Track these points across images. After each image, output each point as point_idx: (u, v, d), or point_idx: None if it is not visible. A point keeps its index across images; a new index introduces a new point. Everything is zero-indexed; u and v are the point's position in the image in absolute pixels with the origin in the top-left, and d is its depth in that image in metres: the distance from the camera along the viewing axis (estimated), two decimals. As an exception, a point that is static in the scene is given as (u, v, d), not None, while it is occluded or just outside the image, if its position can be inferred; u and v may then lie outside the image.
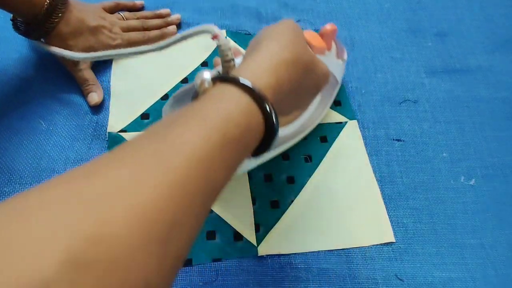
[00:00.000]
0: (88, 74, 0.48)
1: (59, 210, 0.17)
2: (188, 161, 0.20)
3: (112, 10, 0.53)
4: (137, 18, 0.53)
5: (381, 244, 0.41)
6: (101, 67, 0.50)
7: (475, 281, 0.39)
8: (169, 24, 0.54)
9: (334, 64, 0.46)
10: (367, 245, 0.40)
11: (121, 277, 0.17)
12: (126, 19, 0.52)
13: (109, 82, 0.49)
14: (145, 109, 0.47)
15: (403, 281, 0.39)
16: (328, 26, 0.42)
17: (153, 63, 0.51)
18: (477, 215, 0.43)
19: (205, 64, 0.52)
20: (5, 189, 0.41)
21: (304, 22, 0.56)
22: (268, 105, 0.26)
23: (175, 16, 0.55)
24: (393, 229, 0.41)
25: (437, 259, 0.40)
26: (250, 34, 0.54)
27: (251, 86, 0.25)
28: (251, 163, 0.40)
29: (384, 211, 0.42)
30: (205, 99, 0.25)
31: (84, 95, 0.47)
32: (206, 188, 0.21)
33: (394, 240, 0.41)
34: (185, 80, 0.50)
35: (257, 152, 0.28)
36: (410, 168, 0.45)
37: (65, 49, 0.46)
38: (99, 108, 0.47)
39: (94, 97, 0.47)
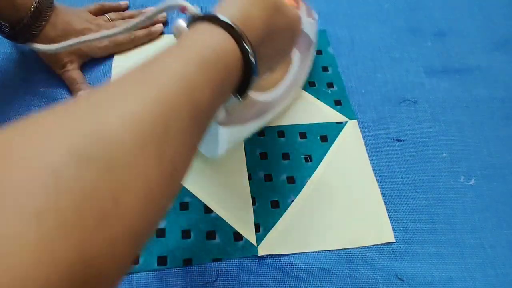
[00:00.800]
0: (76, 74, 0.47)
1: (59, 116, 0.18)
2: (170, 79, 0.22)
3: (97, 12, 0.53)
4: (123, 19, 0.53)
5: (381, 244, 0.41)
6: (101, 68, 0.50)
7: (474, 280, 0.39)
8: (155, 22, 0.54)
9: (305, 22, 0.45)
10: (367, 245, 0.40)
11: (121, 173, 0.17)
12: (112, 20, 0.52)
13: (109, 82, 0.49)
14: (145, 109, 0.47)
15: (403, 281, 0.39)
16: None
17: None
18: (476, 214, 0.43)
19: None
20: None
21: (304, 22, 0.57)
22: (243, 37, 0.26)
23: (161, 15, 0.55)
24: (393, 229, 0.41)
25: (437, 259, 0.40)
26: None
27: (224, 20, 0.26)
28: (255, 125, 0.43)
29: (384, 211, 0.42)
30: (182, 37, 0.27)
31: (72, 94, 0.47)
32: (191, 105, 0.22)
33: (394, 240, 0.41)
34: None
35: (240, 91, 0.29)
36: (410, 168, 0.45)
37: (53, 52, 0.46)
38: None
39: None
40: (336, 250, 0.40)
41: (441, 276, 0.39)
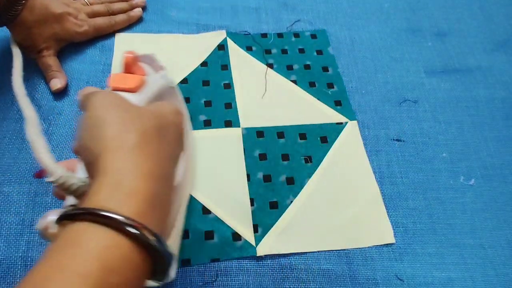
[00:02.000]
0: (51, 60, 0.47)
1: None
2: None
3: None
4: (102, 3, 0.53)
5: (381, 244, 0.41)
6: (101, 67, 0.50)
7: (474, 281, 0.39)
8: (134, 7, 0.54)
9: (159, 77, 0.38)
10: (367, 245, 0.40)
11: None
12: (90, 4, 0.52)
13: (108, 82, 0.49)
14: (145, 109, 0.47)
15: (403, 281, 0.39)
16: (128, 55, 0.34)
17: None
18: (476, 215, 0.43)
19: (204, 65, 0.51)
20: (4, 189, 0.41)
21: (304, 22, 0.56)
22: (146, 232, 0.20)
23: None
24: (393, 229, 0.41)
25: (437, 259, 0.40)
26: (249, 34, 0.54)
27: (114, 217, 0.19)
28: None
29: (384, 211, 0.42)
30: (58, 247, 0.19)
31: (46, 81, 0.47)
32: None
33: (394, 241, 0.41)
34: (184, 81, 0.50)
35: (158, 277, 0.22)
36: (410, 168, 0.45)
37: (29, 37, 0.45)
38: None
39: (56, 83, 0.46)
40: (336, 250, 0.40)
41: (441, 276, 0.39)
